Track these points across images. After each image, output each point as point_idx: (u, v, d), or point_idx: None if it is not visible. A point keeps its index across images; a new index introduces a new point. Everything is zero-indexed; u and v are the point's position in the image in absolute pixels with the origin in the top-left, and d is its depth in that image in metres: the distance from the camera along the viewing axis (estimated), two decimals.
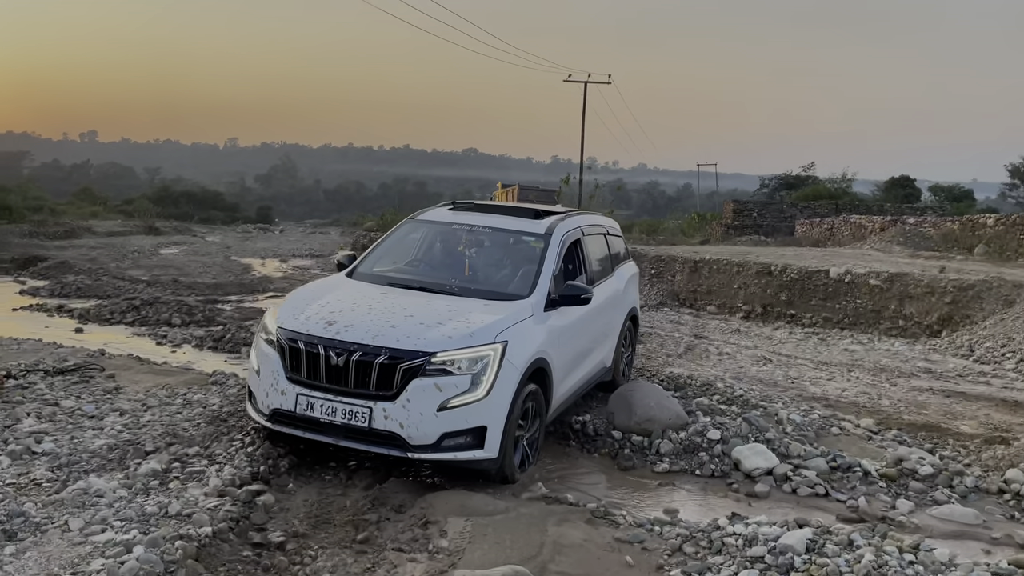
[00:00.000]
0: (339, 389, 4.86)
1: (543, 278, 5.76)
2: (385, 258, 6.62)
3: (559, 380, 5.69)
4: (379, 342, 4.85)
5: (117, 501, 4.18)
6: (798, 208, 37.55)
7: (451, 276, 6.22)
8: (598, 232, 7.43)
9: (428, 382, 4.77)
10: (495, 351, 4.91)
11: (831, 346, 11.61)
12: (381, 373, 4.78)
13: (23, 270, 18.39)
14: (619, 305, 7.47)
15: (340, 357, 4.84)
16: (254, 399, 5.29)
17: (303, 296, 5.77)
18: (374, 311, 5.22)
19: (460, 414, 4.76)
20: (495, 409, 4.85)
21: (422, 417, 4.72)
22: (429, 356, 4.79)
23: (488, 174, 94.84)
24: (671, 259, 16.94)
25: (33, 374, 7.48)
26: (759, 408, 6.79)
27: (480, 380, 4.82)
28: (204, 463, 4.89)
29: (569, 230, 6.51)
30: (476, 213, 6.83)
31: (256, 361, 5.32)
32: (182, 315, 12.08)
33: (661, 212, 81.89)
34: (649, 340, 11.55)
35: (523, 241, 6.32)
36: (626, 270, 7.99)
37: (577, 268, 6.60)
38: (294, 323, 5.16)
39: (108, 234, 41.32)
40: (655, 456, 5.82)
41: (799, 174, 49.78)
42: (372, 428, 4.76)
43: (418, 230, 6.89)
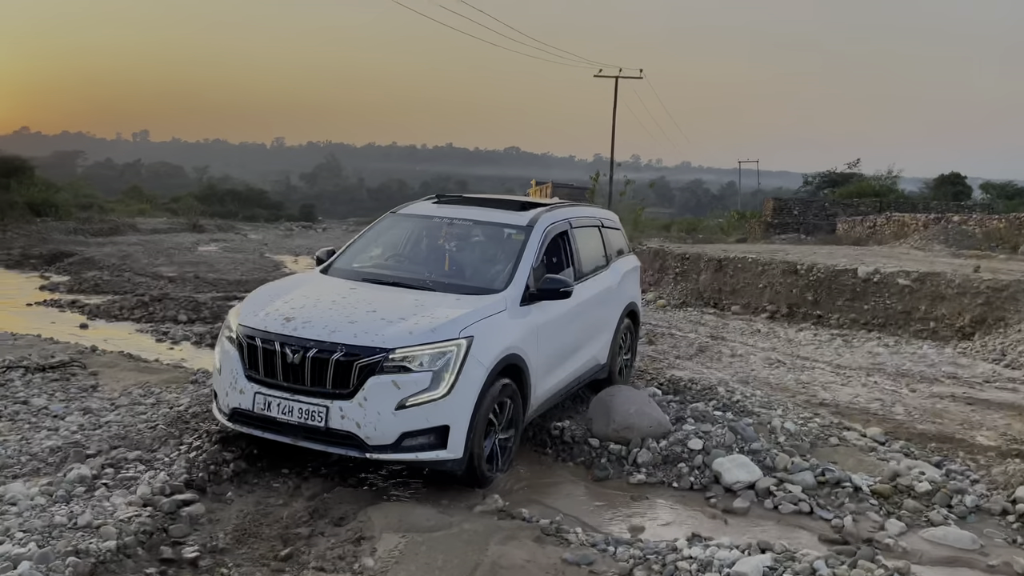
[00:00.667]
0: (296, 387, 4.69)
1: (521, 271, 5.56)
2: (363, 253, 6.42)
3: (539, 377, 5.49)
4: (335, 338, 4.67)
5: (29, 510, 3.95)
6: (840, 206, 36.52)
7: (428, 271, 6.00)
8: (590, 224, 7.19)
9: (386, 379, 4.57)
10: (458, 347, 4.69)
11: (855, 349, 11.03)
12: (337, 370, 4.60)
13: (50, 266, 18.60)
14: (614, 300, 7.23)
15: (296, 354, 4.68)
16: (216, 398, 5.16)
17: (268, 292, 5.60)
18: (336, 307, 5.05)
19: (420, 413, 4.57)
20: (458, 408, 4.65)
21: (379, 416, 4.52)
22: (387, 352, 4.59)
23: (530, 172, 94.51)
24: (696, 257, 16.43)
25: (13, 371, 7.39)
26: (754, 415, 6.35)
27: (442, 377, 4.62)
28: (141, 468, 4.65)
29: (554, 222, 6.28)
30: (460, 206, 6.65)
31: (218, 360, 5.19)
32: (189, 312, 11.99)
33: (704, 210, 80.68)
34: (662, 340, 11.12)
35: (504, 234, 6.09)
36: (623, 264, 7.73)
37: (564, 261, 6.36)
38: (253, 320, 5.01)
39: (152, 231, 42.02)
40: (632, 466, 5.44)
41: (843, 171, 48.48)
42: (329, 428, 4.58)
43: (399, 224, 6.68)
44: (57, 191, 50.14)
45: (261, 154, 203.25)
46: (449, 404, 4.61)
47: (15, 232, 30.37)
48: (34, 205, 40.55)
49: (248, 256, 27.23)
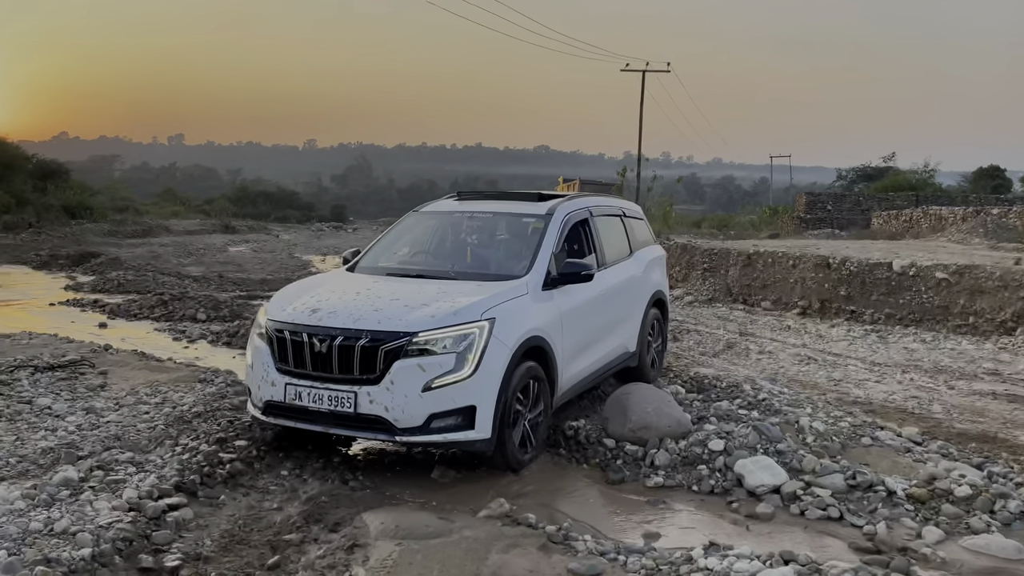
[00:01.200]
0: (324, 376, 4.78)
1: (541, 257, 5.66)
2: (387, 251, 6.55)
3: (566, 361, 5.59)
4: (360, 325, 4.77)
5: (6, 515, 3.77)
6: (875, 200, 35.74)
7: (450, 263, 6.17)
8: (612, 214, 7.28)
9: (411, 363, 4.65)
10: (480, 329, 4.78)
11: (890, 345, 10.59)
12: (363, 356, 4.70)
13: (76, 266, 18.71)
14: (639, 288, 7.25)
15: (323, 343, 4.78)
16: (250, 394, 5.25)
17: (295, 289, 5.72)
18: (361, 297, 5.15)
19: (446, 394, 4.65)
20: (483, 388, 4.72)
21: (407, 399, 4.61)
22: (410, 336, 4.68)
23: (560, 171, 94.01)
24: (724, 253, 16.01)
25: (22, 370, 7.28)
26: (781, 414, 6.02)
27: (465, 358, 4.70)
28: (131, 471, 4.46)
29: (573, 211, 6.38)
30: (480, 201, 6.84)
31: (250, 356, 5.28)
32: (208, 310, 11.89)
33: (735, 207, 79.68)
34: (687, 337, 10.78)
35: (523, 223, 6.23)
36: (647, 253, 7.71)
37: (585, 249, 6.47)
38: (281, 314, 5.12)
39: (185, 232, 42.44)
40: (649, 468, 5.14)
41: (878, 165, 47.51)
42: (358, 413, 4.67)
43: (422, 222, 6.84)
44: (93, 194, 51.03)
45: (293, 156, 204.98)
46: (474, 384, 4.68)
47: (49, 234, 30.80)
48: (69, 208, 41.21)
49: (276, 256, 27.28)
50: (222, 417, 5.73)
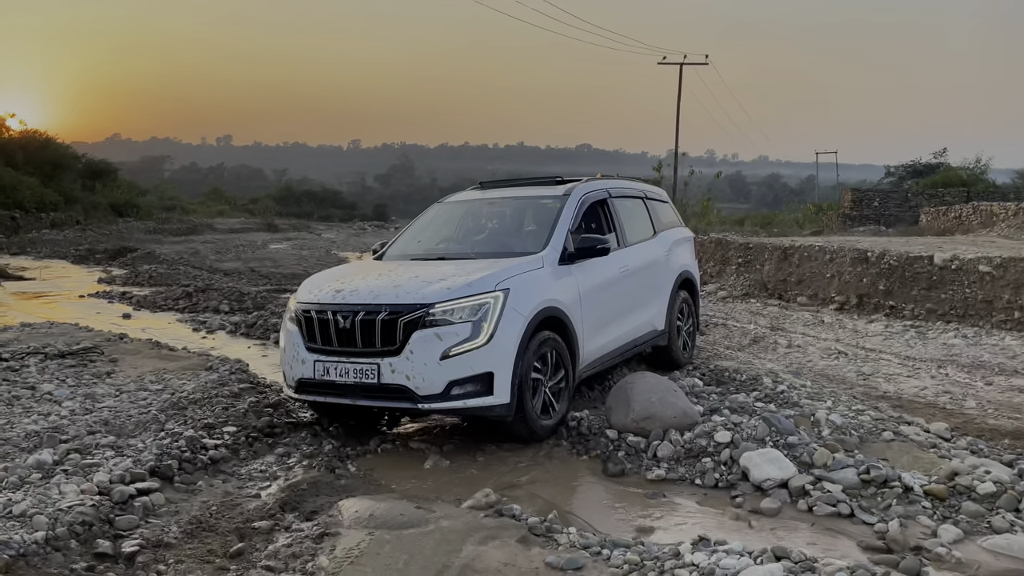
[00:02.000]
0: (349, 350, 4.99)
1: (557, 234, 5.82)
2: (412, 240, 6.76)
3: (588, 333, 5.73)
4: (380, 300, 4.98)
5: None
6: (924, 196, 34.64)
7: (470, 246, 6.36)
8: (632, 195, 7.38)
9: (428, 333, 4.83)
10: (495, 298, 4.95)
11: (929, 340, 10.11)
12: (384, 329, 4.88)
13: (113, 260, 19.01)
14: (664, 267, 7.33)
15: (347, 319, 4.98)
16: (284, 376, 5.44)
17: (323, 276, 5.94)
18: (383, 278, 5.36)
19: (464, 361, 4.80)
20: (500, 355, 4.87)
21: (426, 367, 4.78)
22: (427, 308, 4.87)
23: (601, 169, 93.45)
24: (759, 247, 15.57)
25: (32, 356, 7.29)
26: (798, 407, 5.70)
27: (481, 327, 4.86)
28: (109, 455, 4.35)
29: (590, 191, 6.55)
30: (501, 188, 7.07)
31: (283, 340, 5.50)
32: (232, 302, 11.90)
33: (782, 205, 78.27)
34: (715, 331, 10.44)
35: (541, 204, 6.41)
36: (673, 234, 7.78)
37: (604, 228, 6.60)
38: (308, 296, 5.36)
39: (228, 231, 43.13)
40: (651, 460, 4.87)
41: (929, 161, 46.11)
42: (381, 383, 4.85)
43: (445, 211, 7.06)
44: (142, 194, 52.21)
45: (338, 156, 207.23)
46: (491, 351, 4.84)
47: (95, 231, 31.50)
48: (117, 206, 42.18)
49: (314, 253, 27.44)
50: (217, 404, 5.63)
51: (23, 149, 37.24)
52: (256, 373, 7.05)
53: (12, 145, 37.17)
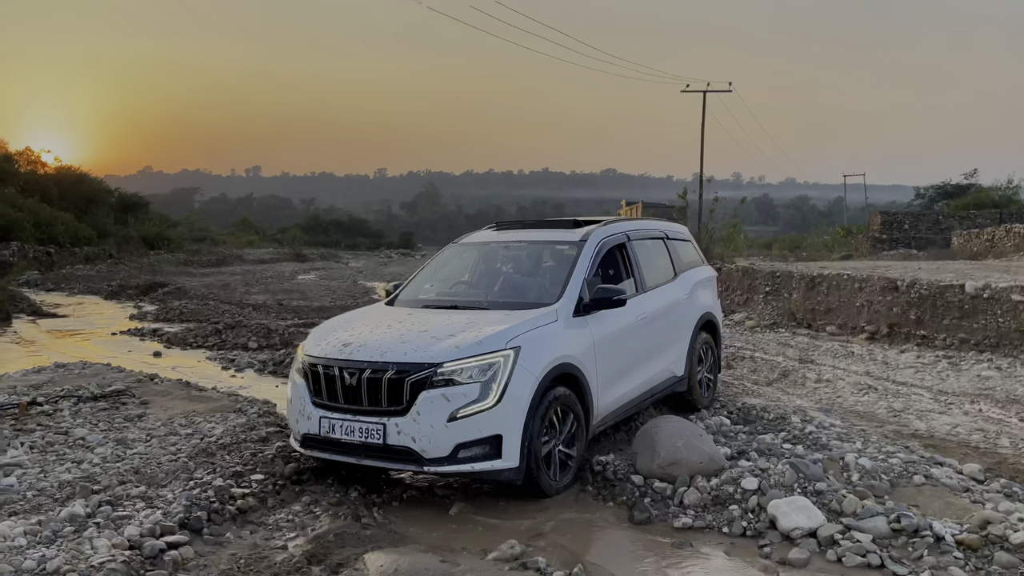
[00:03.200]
0: (355, 408, 4.89)
1: (572, 283, 5.67)
2: (425, 283, 6.67)
3: (602, 387, 5.57)
4: (387, 357, 4.86)
5: (4, 552, 3.73)
6: (955, 218, 34.24)
7: (484, 293, 6.21)
8: (653, 236, 7.23)
9: (436, 393, 4.71)
10: (505, 357, 4.81)
11: (962, 372, 9.95)
12: (391, 388, 4.78)
13: (144, 296, 19.29)
14: (685, 311, 7.14)
15: (353, 376, 4.88)
16: (291, 429, 5.40)
17: (332, 325, 5.84)
18: (392, 330, 5.25)
19: (471, 424, 4.68)
20: (509, 417, 4.74)
21: (433, 429, 4.66)
22: (435, 367, 4.74)
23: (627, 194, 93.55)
24: (786, 275, 15.46)
25: (66, 400, 7.41)
26: (827, 450, 5.63)
27: (490, 388, 4.73)
28: (140, 506, 4.41)
29: (608, 235, 6.39)
30: (517, 230, 6.91)
31: (290, 391, 5.43)
32: (259, 339, 12.03)
33: (810, 227, 77.75)
34: (742, 364, 10.36)
35: (557, 250, 6.29)
36: (694, 275, 7.58)
37: (623, 273, 6.50)
38: (316, 349, 5.26)
39: (257, 261, 43.71)
40: (678, 507, 4.84)
41: (959, 183, 45.60)
42: (387, 444, 4.74)
43: (460, 253, 6.96)
44: (173, 225, 53.13)
45: (364, 185, 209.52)
46: (499, 413, 4.70)
47: (126, 265, 32.03)
48: (148, 239, 42.94)
49: (341, 284, 27.68)
50: (246, 449, 5.67)
51: (58, 184, 38.12)
52: (283, 415, 7.10)
53: (47, 181, 38.06)
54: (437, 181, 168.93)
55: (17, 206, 30.09)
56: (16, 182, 35.07)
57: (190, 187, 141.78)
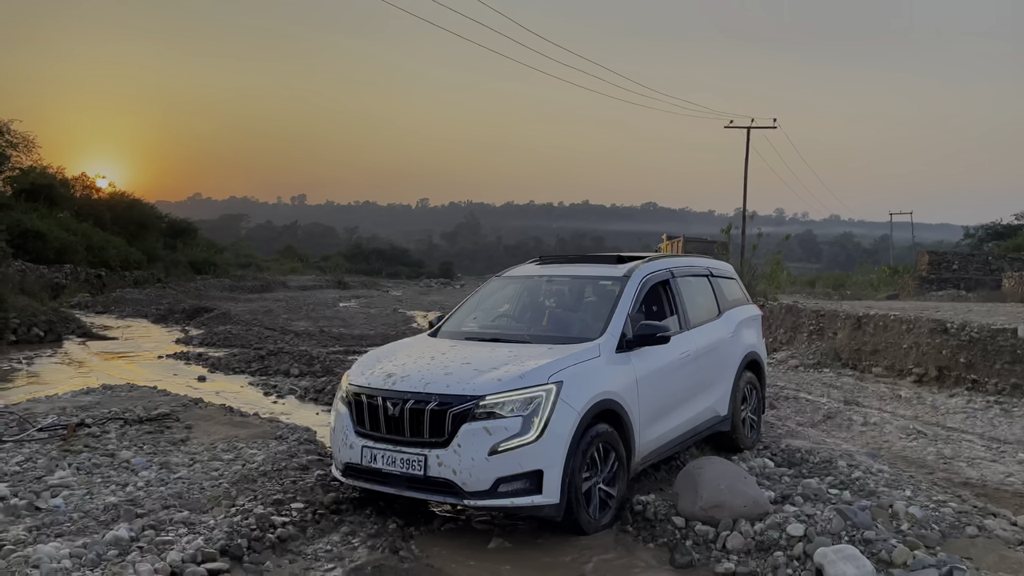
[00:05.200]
0: (397, 439, 4.90)
1: (616, 319, 5.64)
2: (469, 315, 6.69)
3: (644, 424, 5.52)
4: (430, 389, 4.87)
5: (50, 574, 3.79)
6: (1006, 260, 33.44)
7: (527, 326, 6.26)
8: (697, 274, 7.16)
9: (477, 426, 4.69)
10: (547, 392, 4.79)
11: (1015, 419, 9.65)
12: (432, 420, 4.78)
13: (190, 320, 19.65)
14: (729, 349, 7.05)
15: (396, 407, 4.89)
16: (334, 458, 5.41)
17: (376, 355, 5.86)
18: (435, 362, 5.26)
19: (512, 458, 4.65)
20: (550, 452, 4.70)
21: (473, 462, 4.64)
22: (477, 400, 4.74)
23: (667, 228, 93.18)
24: (831, 314, 15.22)
25: (113, 422, 7.55)
26: (875, 496, 5.49)
27: (531, 422, 4.70)
28: (182, 531, 4.45)
29: (652, 272, 6.35)
30: (560, 265, 6.89)
31: (333, 420, 5.45)
32: (301, 365, 12.15)
33: (854, 265, 76.61)
34: (785, 405, 10.17)
35: (600, 286, 6.26)
36: (738, 313, 7.49)
37: (666, 310, 6.45)
38: (360, 379, 5.30)
39: (300, 288, 44.34)
40: (720, 552, 4.74)
41: (1010, 223, 44.59)
42: (428, 476, 4.73)
43: (504, 286, 6.97)
44: (220, 251, 54.20)
45: (407, 214, 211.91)
46: (541, 448, 4.67)
47: (175, 289, 32.71)
48: (196, 264, 43.88)
49: (382, 312, 27.88)
50: (286, 477, 5.71)
51: (111, 209, 39.17)
52: (323, 443, 7.15)
53: (101, 206, 39.14)
54: (478, 212, 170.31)
55: (72, 230, 30.98)
56: (72, 206, 36.11)
57: (237, 214, 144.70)
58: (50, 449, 6.48)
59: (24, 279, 20.38)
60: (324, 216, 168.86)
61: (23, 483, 5.43)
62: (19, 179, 32.60)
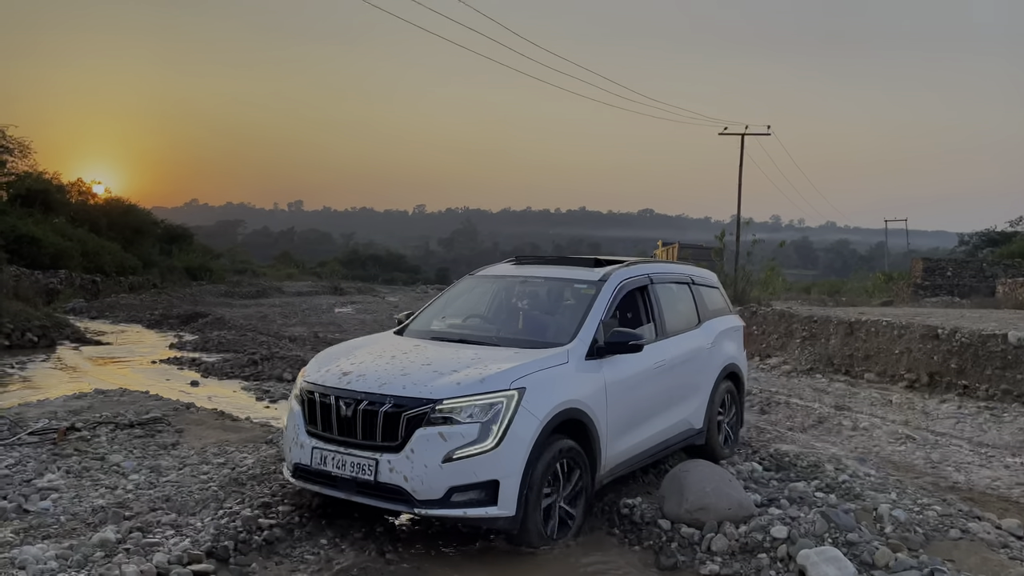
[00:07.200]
0: (349, 441, 4.70)
1: (588, 324, 5.43)
2: (438, 314, 6.51)
3: (612, 437, 5.32)
4: (385, 390, 4.67)
5: (36, 575, 3.81)
6: (1000, 266, 33.57)
7: (497, 328, 6.05)
8: (677, 281, 7.00)
9: (432, 431, 4.49)
10: (508, 398, 4.58)
11: (1004, 424, 9.71)
12: (386, 423, 4.57)
13: (185, 326, 19.63)
14: (707, 360, 6.86)
15: (349, 407, 4.70)
16: (285, 456, 5.25)
17: (335, 351, 5.69)
18: (395, 361, 5.07)
19: (467, 466, 4.44)
20: (508, 461, 4.49)
21: (427, 469, 4.43)
22: (434, 404, 4.53)
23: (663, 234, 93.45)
24: (824, 320, 15.27)
25: (104, 426, 7.56)
26: (860, 500, 5.53)
27: (490, 429, 4.49)
28: (169, 533, 4.47)
29: (629, 277, 6.15)
30: (536, 266, 6.68)
31: (286, 418, 5.29)
32: (294, 370, 12.15)
33: (850, 272, 76.80)
34: (777, 410, 10.22)
35: (575, 289, 6.05)
36: (719, 323, 7.27)
37: (643, 317, 6.25)
38: (315, 376, 5.11)
39: (296, 294, 44.20)
40: (705, 554, 4.77)
41: (1004, 230, 44.75)
42: (378, 481, 4.53)
43: (475, 286, 6.81)
44: (216, 257, 54.15)
45: (403, 221, 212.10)
46: (498, 457, 4.47)
47: (169, 295, 32.64)
48: (191, 270, 43.82)
49: (377, 317, 27.85)
50: (275, 480, 5.72)
51: (107, 215, 39.14)
52: None
53: (97, 211, 39.11)
54: (474, 218, 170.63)
55: (67, 235, 30.94)
56: (67, 212, 36.08)
57: (234, 220, 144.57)
58: (40, 453, 6.49)
59: (19, 284, 20.37)
60: (321, 222, 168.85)
61: (12, 486, 5.45)
62: (15, 184, 32.54)
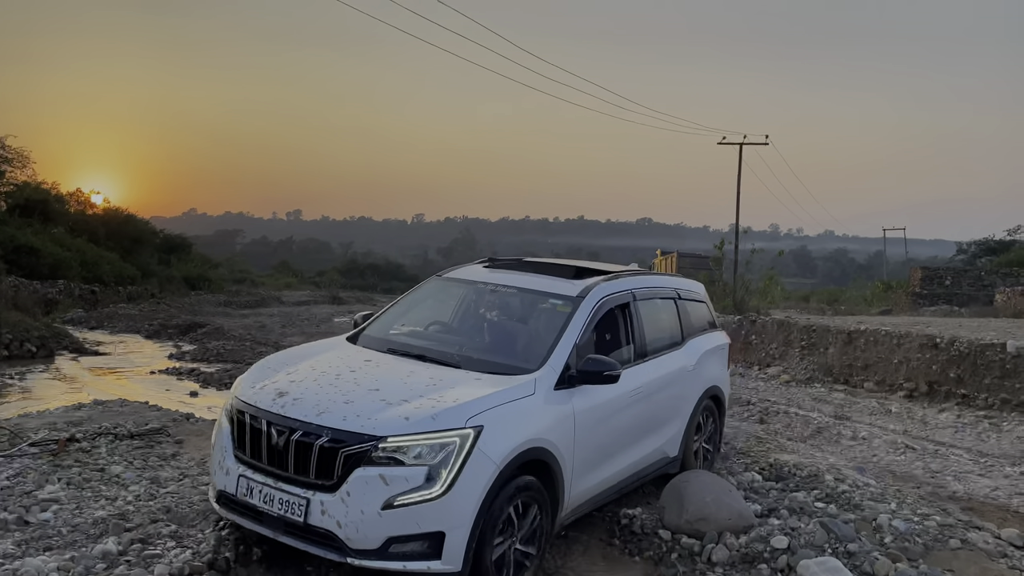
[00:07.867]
0: (279, 473, 4.11)
1: (560, 349, 4.82)
2: (397, 320, 5.85)
3: (578, 473, 4.74)
4: (322, 420, 4.08)
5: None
6: (999, 275, 33.64)
7: (459, 343, 5.35)
8: (662, 296, 6.37)
9: (373, 472, 3.89)
10: (462, 438, 3.99)
11: (1003, 433, 9.73)
12: (321, 458, 3.98)
13: (183, 336, 19.63)
14: (688, 383, 6.27)
15: (281, 436, 4.12)
16: (210, 479, 4.65)
17: (276, 361, 5.08)
18: (339, 382, 4.47)
19: (409, 515, 3.85)
20: (456, 512, 3.91)
21: (363, 516, 3.85)
22: (376, 441, 3.94)
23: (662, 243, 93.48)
24: (823, 329, 15.30)
25: (103, 437, 7.56)
26: (860, 510, 5.53)
27: (438, 474, 3.90)
28: (170, 545, 4.47)
29: (611, 293, 5.51)
30: (510, 272, 5.96)
31: (214, 435, 4.67)
32: None
33: (848, 281, 76.86)
34: (776, 419, 10.24)
35: (549, 304, 5.40)
36: (704, 341, 6.75)
37: (621, 338, 5.61)
38: (248, 393, 4.51)
39: (294, 303, 44.18)
40: (706, 565, 4.78)
41: (1002, 239, 44.90)
42: (308, 524, 3.94)
43: (442, 289, 6.19)
44: (214, 267, 54.15)
45: (402, 230, 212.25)
46: (445, 506, 3.88)
47: (168, 304, 32.62)
48: (190, 279, 43.83)
49: None
50: None
51: (106, 225, 39.17)
52: None
53: (96, 221, 39.13)
54: (473, 227, 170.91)
55: (66, 245, 30.97)
56: (66, 222, 36.09)
57: (233, 229, 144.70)
58: (40, 464, 6.48)
59: (17, 295, 20.35)
60: (319, 231, 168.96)
61: (12, 497, 5.44)
62: (13, 195, 32.58)
